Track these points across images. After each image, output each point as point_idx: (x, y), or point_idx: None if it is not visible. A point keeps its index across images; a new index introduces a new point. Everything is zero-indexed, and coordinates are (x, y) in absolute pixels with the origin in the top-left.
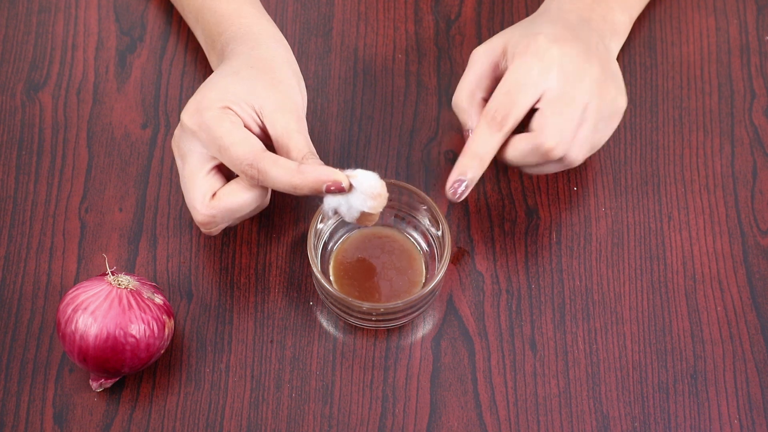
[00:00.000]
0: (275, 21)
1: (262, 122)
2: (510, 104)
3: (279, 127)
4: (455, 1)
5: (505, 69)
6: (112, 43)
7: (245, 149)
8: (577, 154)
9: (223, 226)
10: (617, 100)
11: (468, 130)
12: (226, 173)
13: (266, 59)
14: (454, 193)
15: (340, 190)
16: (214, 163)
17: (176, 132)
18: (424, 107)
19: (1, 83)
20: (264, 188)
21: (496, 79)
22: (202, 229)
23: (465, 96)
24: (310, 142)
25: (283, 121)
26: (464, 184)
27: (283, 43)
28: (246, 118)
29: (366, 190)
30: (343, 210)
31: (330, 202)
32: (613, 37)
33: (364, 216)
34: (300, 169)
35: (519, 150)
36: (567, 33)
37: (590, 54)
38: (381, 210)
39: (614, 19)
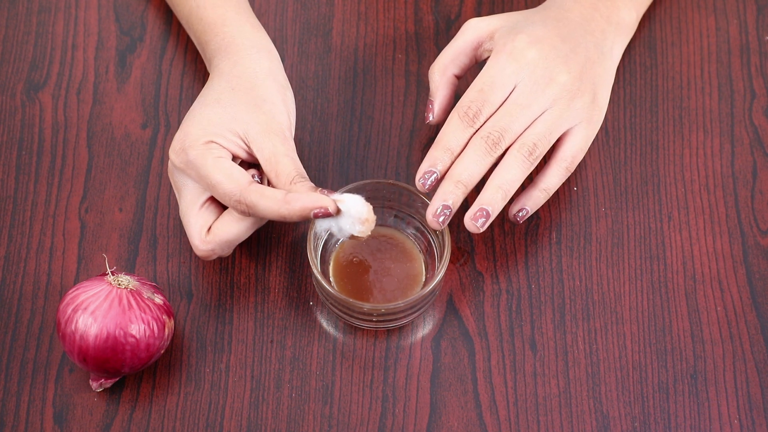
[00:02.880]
0: (275, 21)
1: (248, 147)
2: (482, 102)
3: (266, 151)
4: (455, 1)
5: (486, 52)
6: (112, 43)
7: (231, 186)
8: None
9: (228, 251)
10: (588, 109)
11: (431, 101)
12: (220, 203)
13: (248, 76)
14: (424, 184)
15: (327, 215)
16: (206, 196)
17: (169, 165)
18: (424, 107)
19: (1, 83)
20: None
21: (474, 58)
22: (207, 260)
23: (439, 68)
24: (299, 163)
25: (269, 145)
26: (434, 175)
27: (267, 50)
28: (231, 148)
29: (354, 215)
30: (334, 231)
31: (321, 224)
32: (617, 37)
33: (354, 236)
34: (286, 198)
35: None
36: (553, 34)
37: (570, 59)
38: (370, 232)
39: (619, 18)
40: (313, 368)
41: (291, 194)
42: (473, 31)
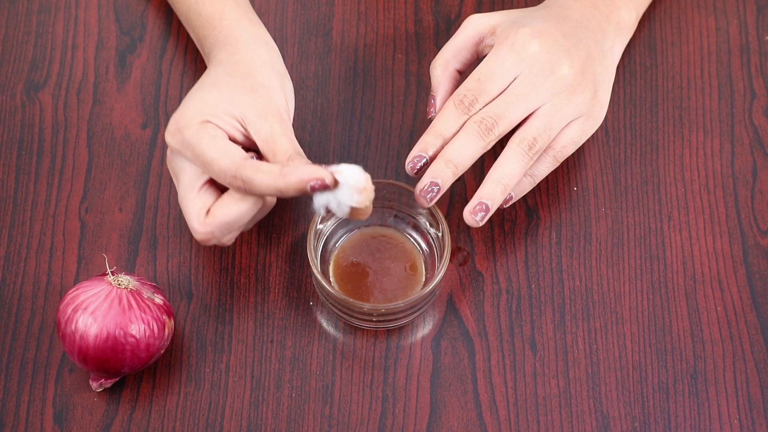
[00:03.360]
0: (275, 21)
1: (245, 130)
2: (479, 91)
3: (263, 132)
4: (455, 1)
5: (487, 47)
6: (112, 43)
7: (226, 162)
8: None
9: (230, 237)
10: (588, 104)
11: (432, 96)
12: (219, 186)
13: (245, 63)
14: (413, 168)
15: (324, 187)
16: (205, 178)
17: (167, 153)
18: (424, 107)
19: (1, 83)
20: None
21: (475, 53)
22: (206, 245)
23: (441, 63)
24: (296, 143)
25: (266, 126)
26: (424, 160)
27: (264, 42)
28: (228, 129)
29: (352, 185)
30: (333, 206)
31: (319, 200)
32: (617, 37)
33: (355, 210)
34: (282, 171)
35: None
36: (555, 29)
37: (572, 53)
38: (370, 203)
39: (619, 17)
40: (313, 368)
41: (287, 167)
42: (474, 26)
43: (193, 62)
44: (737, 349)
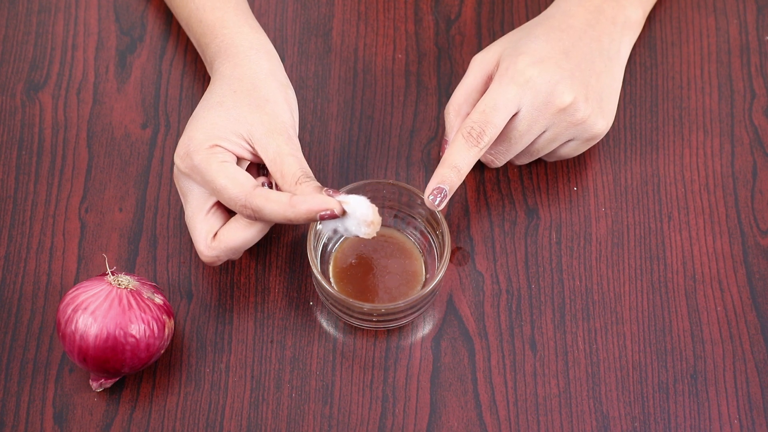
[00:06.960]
0: (275, 21)
1: (253, 149)
2: (484, 123)
3: (271, 152)
4: (455, 1)
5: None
6: (112, 43)
7: (236, 190)
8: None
9: (236, 256)
10: (593, 126)
11: (446, 140)
12: (227, 209)
13: (249, 77)
14: (433, 200)
15: (333, 217)
16: (212, 201)
17: (175, 171)
18: (424, 107)
19: (1, 83)
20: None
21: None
22: (212, 266)
23: (453, 108)
24: (304, 162)
25: (274, 146)
26: (443, 192)
27: (266, 50)
28: (236, 150)
29: (359, 217)
30: (341, 230)
31: (327, 225)
32: (624, 37)
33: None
34: (291, 202)
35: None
36: (557, 49)
37: (574, 76)
38: (376, 233)
39: (625, 17)
40: (313, 368)
41: (296, 197)
42: (480, 66)
43: (193, 62)
44: (737, 349)
